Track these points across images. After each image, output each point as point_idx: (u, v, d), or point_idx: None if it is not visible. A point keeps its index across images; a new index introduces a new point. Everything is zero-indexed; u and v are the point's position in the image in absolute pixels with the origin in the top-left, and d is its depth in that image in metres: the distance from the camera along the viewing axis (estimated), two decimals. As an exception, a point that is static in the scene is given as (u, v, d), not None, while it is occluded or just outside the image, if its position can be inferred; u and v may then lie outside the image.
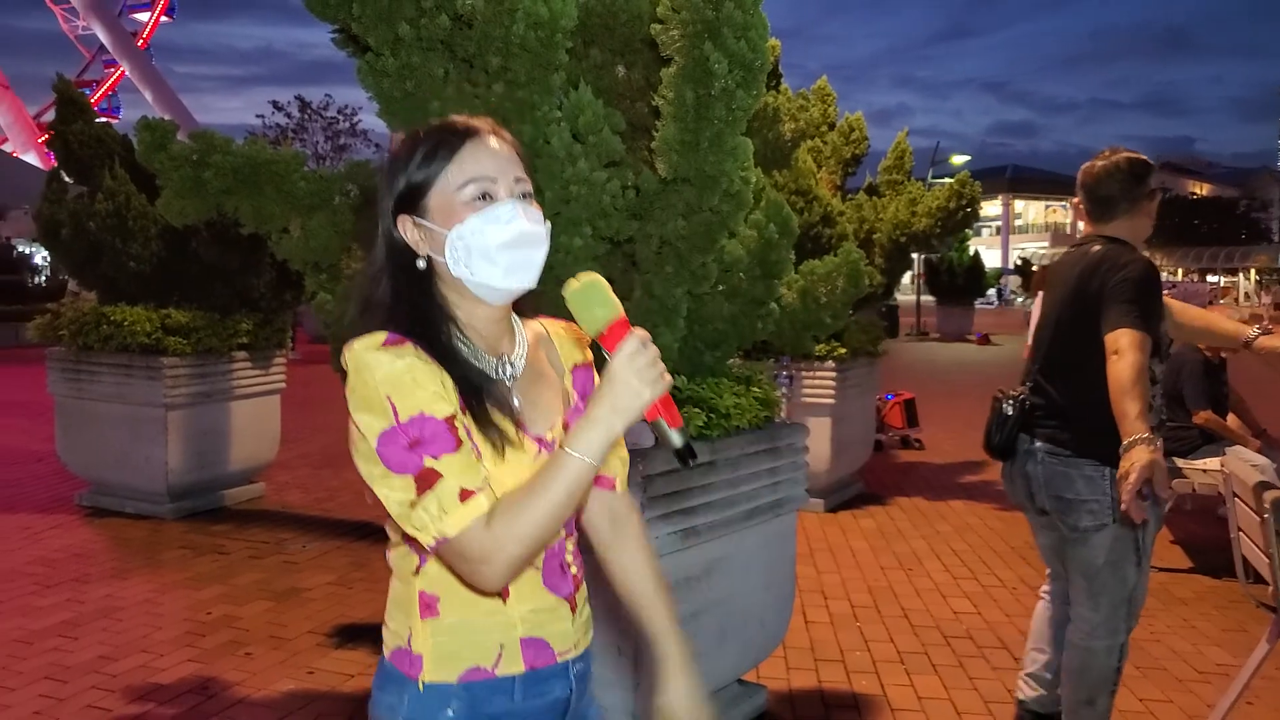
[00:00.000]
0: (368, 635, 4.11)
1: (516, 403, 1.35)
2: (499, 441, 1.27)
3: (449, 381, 1.25)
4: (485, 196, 1.31)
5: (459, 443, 1.21)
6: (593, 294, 1.25)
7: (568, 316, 1.35)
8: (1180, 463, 5.36)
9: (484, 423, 1.27)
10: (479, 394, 1.28)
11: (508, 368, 1.38)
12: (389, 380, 1.20)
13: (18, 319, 17.10)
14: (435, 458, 1.19)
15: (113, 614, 4.34)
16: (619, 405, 1.21)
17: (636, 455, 2.74)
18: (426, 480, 1.19)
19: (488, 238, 1.30)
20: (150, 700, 3.50)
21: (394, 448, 1.19)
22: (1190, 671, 3.88)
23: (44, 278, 23.85)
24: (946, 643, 4.17)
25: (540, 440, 1.36)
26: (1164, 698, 3.64)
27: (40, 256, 25.37)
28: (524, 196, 1.35)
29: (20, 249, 26.39)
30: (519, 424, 1.32)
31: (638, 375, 1.20)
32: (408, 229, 1.34)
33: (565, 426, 1.41)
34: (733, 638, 3.07)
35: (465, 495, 1.19)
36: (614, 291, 1.35)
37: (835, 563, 5.31)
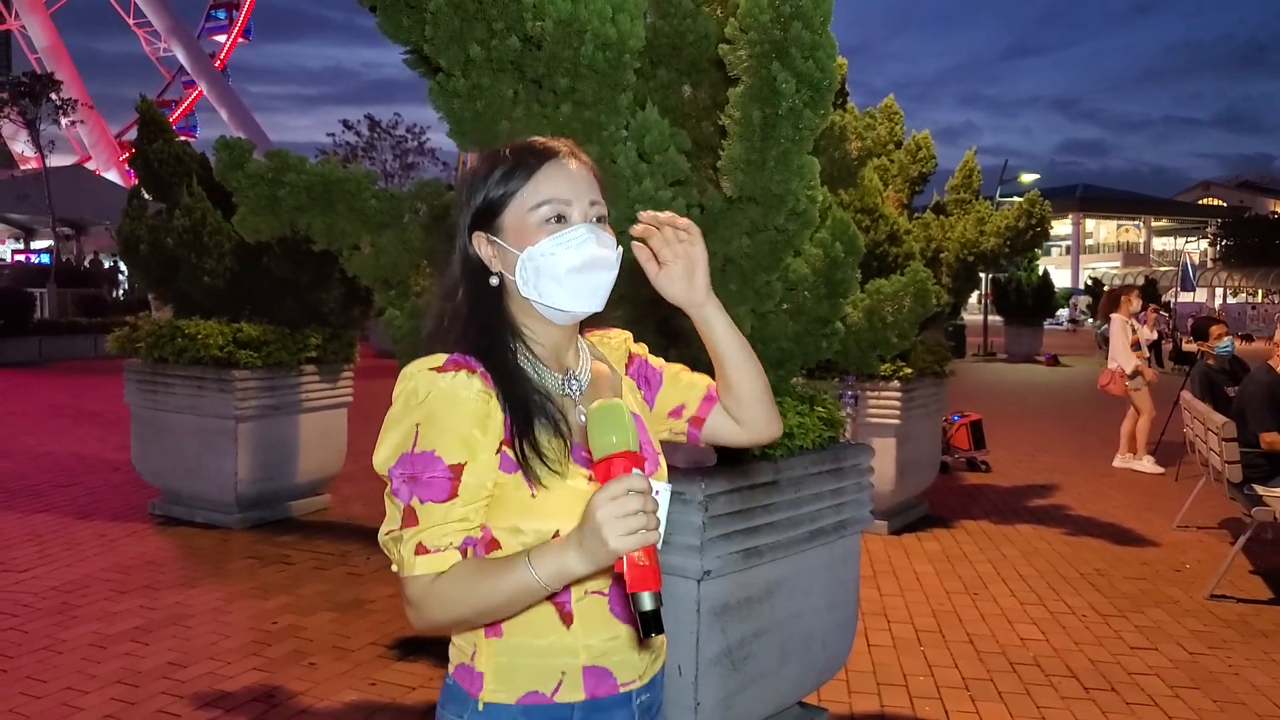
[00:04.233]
0: (429, 648, 4.14)
1: (582, 418, 1.36)
2: (541, 473, 1.28)
3: (496, 415, 1.26)
4: (559, 219, 1.33)
5: (451, 495, 1.23)
6: (611, 418, 1.19)
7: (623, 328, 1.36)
8: (1260, 490, 5.19)
9: (523, 454, 1.28)
10: (530, 422, 1.29)
11: (573, 383, 1.40)
12: (426, 407, 1.24)
13: (99, 331, 17.70)
14: (421, 502, 1.23)
15: (183, 621, 4.44)
16: (585, 546, 1.15)
17: (698, 474, 2.73)
18: (408, 518, 1.24)
19: (557, 260, 1.32)
20: (218, 707, 3.57)
21: (399, 474, 1.24)
22: (1271, 707, 3.74)
23: (122, 291, 24.60)
24: (1013, 670, 4.08)
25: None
26: (1243, 734, 3.52)
27: (119, 271, 26.18)
28: (598, 220, 1.36)
29: (107, 263, 27.30)
30: (570, 445, 1.32)
31: (611, 522, 1.12)
32: (482, 246, 1.37)
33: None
34: (794, 659, 3.04)
35: (420, 550, 1.23)
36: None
37: (899, 585, 5.23)
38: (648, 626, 1.15)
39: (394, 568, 1.27)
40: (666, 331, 2.79)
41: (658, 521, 1.15)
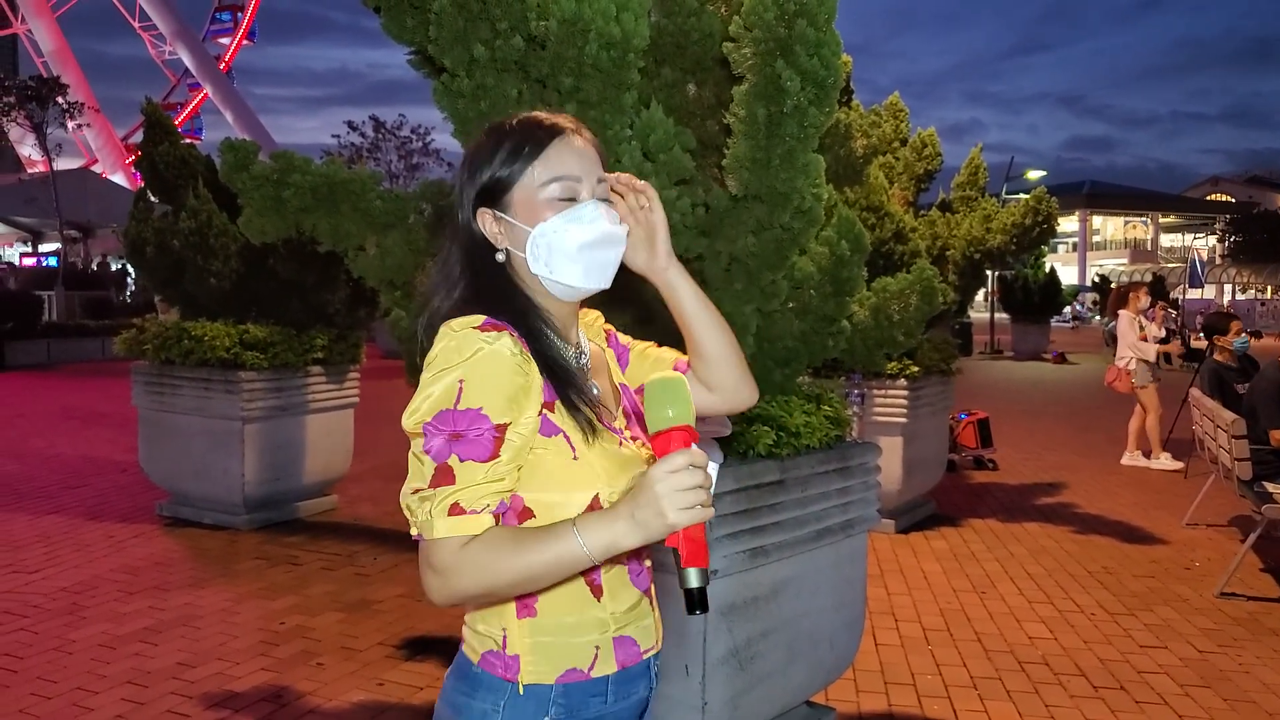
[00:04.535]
0: (437, 648, 4.15)
1: (596, 391, 1.38)
2: (586, 427, 1.28)
3: (535, 377, 1.25)
4: (569, 198, 1.34)
5: (494, 455, 1.20)
6: (671, 391, 1.20)
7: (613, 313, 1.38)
8: (1270, 487, 5.17)
9: (573, 409, 1.28)
10: (566, 381, 1.29)
11: (583, 357, 1.42)
12: (471, 365, 1.21)
13: (106, 333, 17.76)
14: (461, 460, 1.19)
15: (191, 622, 4.45)
16: (638, 519, 1.15)
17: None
18: (442, 477, 1.19)
19: (569, 237, 1.32)
20: (226, 707, 3.58)
21: (439, 432, 1.20)
22: (1281, 705, 3.72)
23: (129, 294, 24.66)
24: (1021, 668, 4.07)
25: (613, 429, 1.37)
26: (1253, 732, 3.51)
27: (127, 273, 26.24)
28: (604, 198, 1.37)
29: (114, 266, 27.37)
30: (598, 411, 1.33)
31: (670, 496, 1.12)
32: (487, 223, 1.36)
33: (626, 414, 1.44)
34: (802, 658, 3.03)
35: (455, 511, 1.18)
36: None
37: (906, 584, 5.22)
38: (693, 604, 1.15)
39: (413, 531, 1.22)
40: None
41: (711, 498, 1.16)
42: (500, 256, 1.36)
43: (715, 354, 1.47)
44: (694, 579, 1.15)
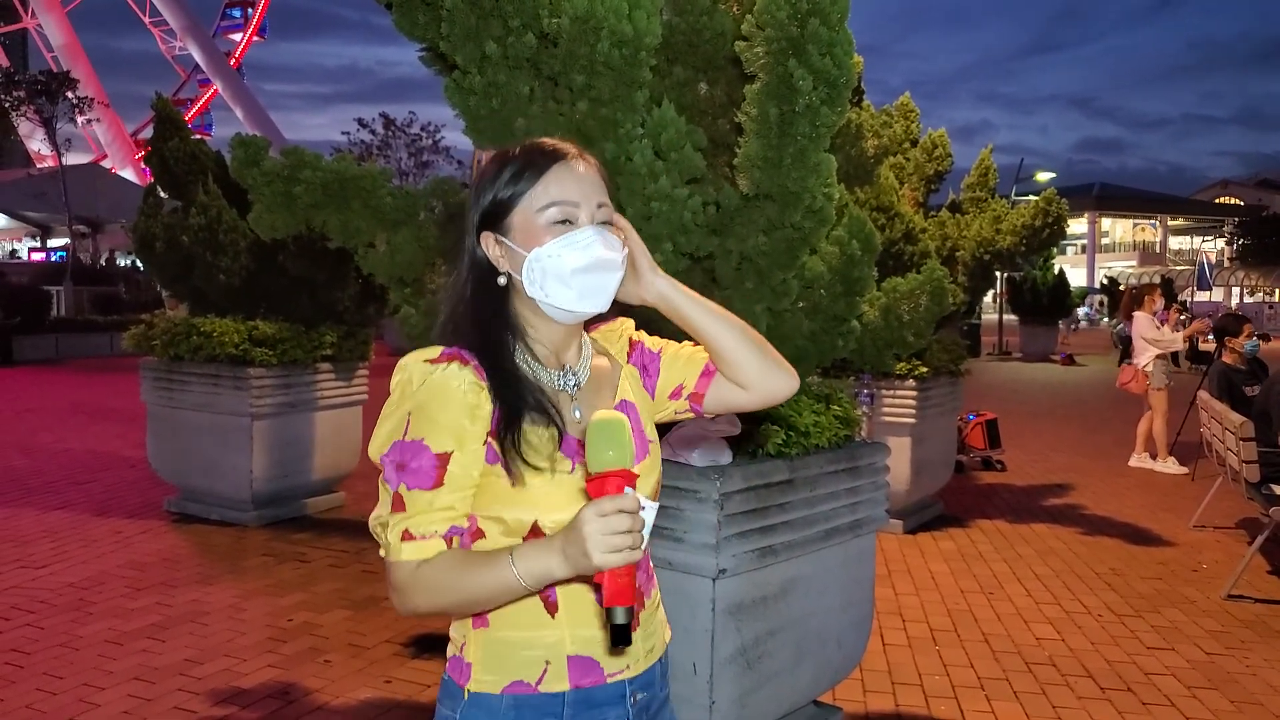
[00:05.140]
0: (444, 647, 4.14)
1: (578, 414, 1.38)
2: (520, 468, 1.29)
3: (485, 407, 1.29)
4: (566, 221, 1.35)
5: (437, 483, 1.26)
6: (611, 433, 1.19)
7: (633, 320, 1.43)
8: (1278, 489, 5.15)
9: (510, 454, 1.30)
10: (517, 418, 1.31)
11: (570, 378, 1.42)
12: (418, 397, 1.28)
13: (115, 329, 17.81)
14: (409, 489, 1.27)
15: (199, 618, 4.46)
16: (568, 554, 1.18)
17: (713, 472, 2.72)
18: (396, 504, 1.29)
19: (564, 262, 1.33)
20: (233, 704, 3.58)
21: (390, 461, 1.28)
22: (1290, 709, 3.71)
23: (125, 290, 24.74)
24: (1028, 669, 4.06)
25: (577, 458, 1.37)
26: (1262, 736, 3.49)
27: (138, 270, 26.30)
28: (605, 223, 1.37)
29: (122, 261, 27.44)
30: (562, 437, 1.33)
31: (596, 538, 1.14)
32: (490, 246, 1.39)
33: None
34: (809, 658, 3.03)
35: (406, 537, 1.27)
36: None
37: (914, 585, 5.21)
38: (617, 638, 1.19)
39: (381, 552, 1.30)
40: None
41: (642, 539, 1.19)
42: (502, 280, 1.39)
43: (731, 351, 1.45)
44: (618, 616, 1.17)
